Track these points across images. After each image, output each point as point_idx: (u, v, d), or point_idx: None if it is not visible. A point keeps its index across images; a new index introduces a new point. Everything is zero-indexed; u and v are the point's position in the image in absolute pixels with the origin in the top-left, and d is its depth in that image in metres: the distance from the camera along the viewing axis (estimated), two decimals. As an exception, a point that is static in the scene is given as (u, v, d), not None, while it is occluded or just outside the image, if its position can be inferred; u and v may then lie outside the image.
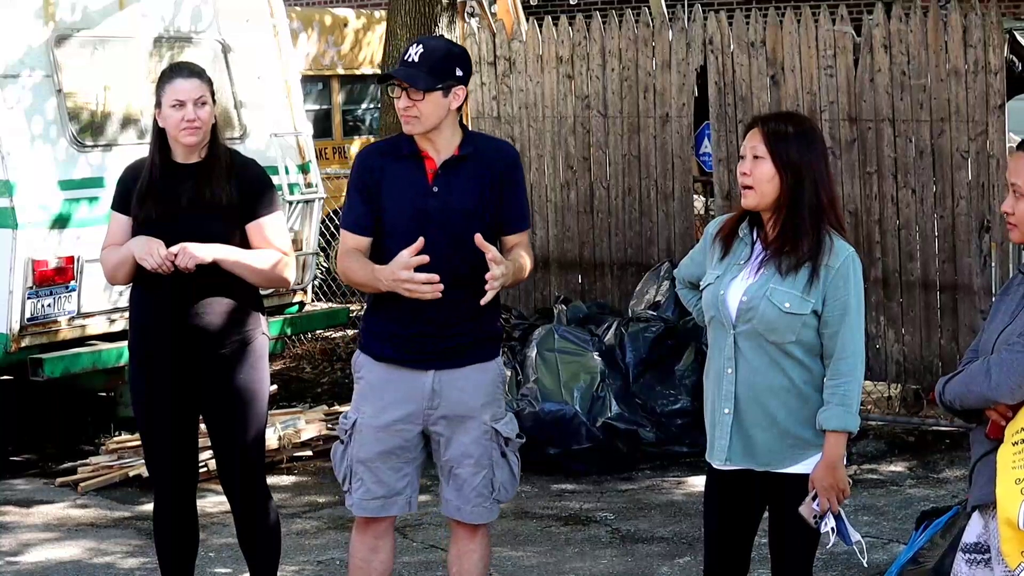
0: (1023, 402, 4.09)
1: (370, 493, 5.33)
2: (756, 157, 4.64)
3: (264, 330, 5.85)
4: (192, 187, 5.64)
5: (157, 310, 5.66)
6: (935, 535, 5.72)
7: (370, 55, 15.50)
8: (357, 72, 15.37)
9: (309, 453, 9.09)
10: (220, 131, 5.84)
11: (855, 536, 4.76)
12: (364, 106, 15.78)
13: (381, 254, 5.21)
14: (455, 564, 5.45)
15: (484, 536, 5.42)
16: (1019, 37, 8.85)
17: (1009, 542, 3.95)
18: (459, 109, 5.19)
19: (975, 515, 4.37)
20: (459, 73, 5.14)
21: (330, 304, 11.59)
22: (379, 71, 15.75)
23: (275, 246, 5.73)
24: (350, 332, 12.13)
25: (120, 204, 5.75)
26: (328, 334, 12.14)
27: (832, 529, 4.67)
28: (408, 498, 5.36)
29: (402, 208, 5.18)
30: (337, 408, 9.87)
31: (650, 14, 10.14)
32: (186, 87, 5.62)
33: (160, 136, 5.67)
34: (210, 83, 5.72)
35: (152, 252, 5.52)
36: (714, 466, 4.81)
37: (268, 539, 5.93)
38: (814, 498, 4.63)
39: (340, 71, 15.19)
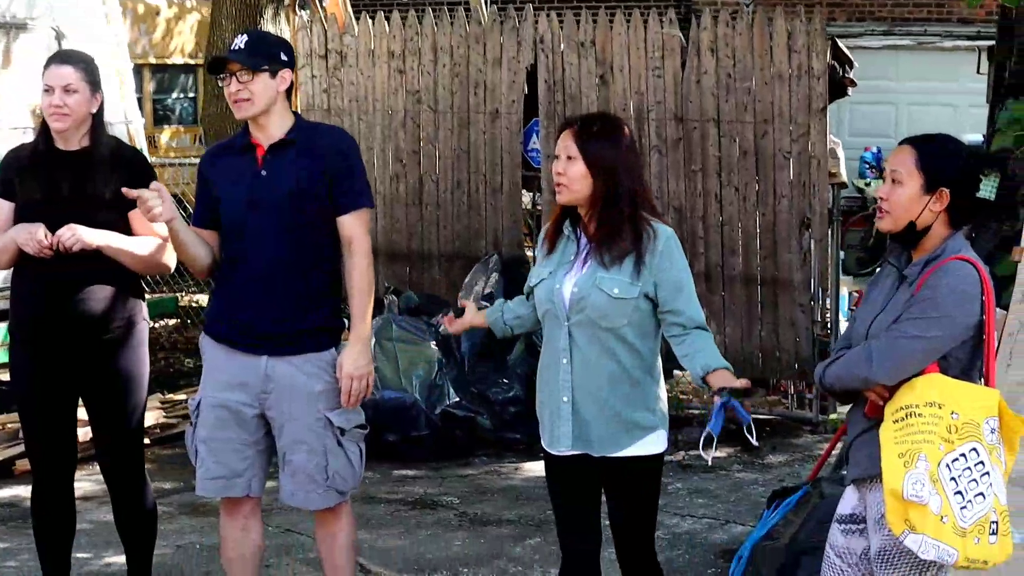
0: (899, 383, 4.42)
1: (210, 472, 5.48)
2: (569, 158, 4.91)
3: (144, 316, 5.93)
4: (73, 175, 5.70)
5: (40, 296, 5.69)
6: (788, 512, 6.03)
7: (181, 45, 15.48)
8: (168, 61, 15.33)
9: (147, 441, 9.10)
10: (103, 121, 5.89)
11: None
12: (175, 95, 15.75)
13: (222, 244, 5.42)
14: (324, 543, 5.61)
15: (348, 516, 5.59)
16: (840, 43, 9.28)
17: (893, 512, 4.27)
18: (288, 95, 5.39)
19: (849, 488, 4.69)
20: (284, 57, 5.35)
21: (158, 294, 11.59)
22: (190, 61, 15.79)
23: (157, 233, 5.81)
24: (172, 322, 12.15)
25: (1, 189, 5.79)
26: (152, 324, 12.11)
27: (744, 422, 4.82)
28: (249, 480, 5.49)
29: (233, 197, 5.36)
30: (172, 397, 9.92)
31: (466, 11, 10.38)
32: (55, 73, 5.70)
33: (45, 122, 5.74)
34: (88, 72, 5.77)
35: (33, 237, 5.57)
36: (552, 454, 5.04)
37: (146, 522, 6.02)
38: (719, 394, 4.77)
39: (152, 60, 15.14)
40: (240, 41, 5.34)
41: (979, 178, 4.64)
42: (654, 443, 4.98)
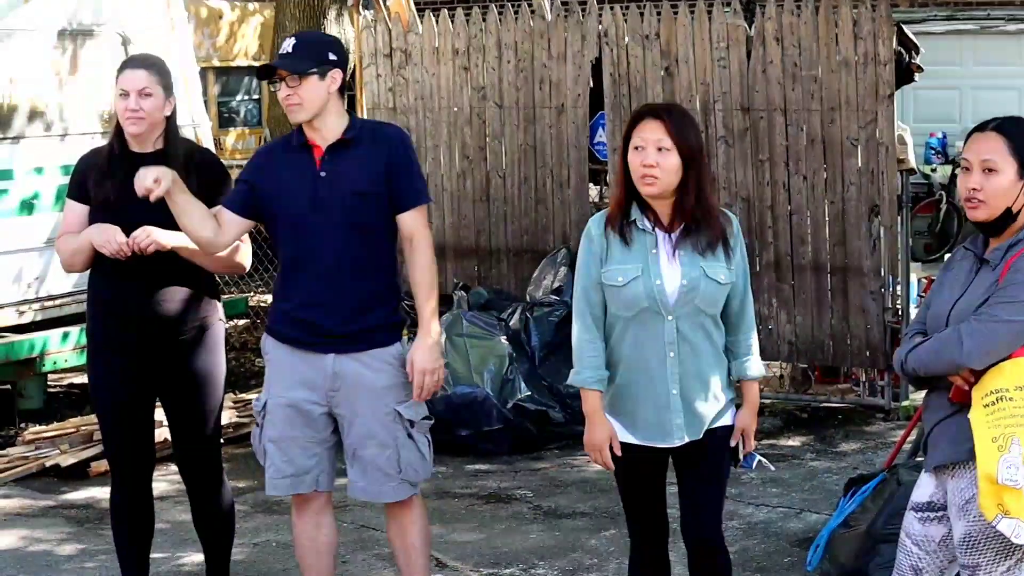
0: (987, 368, 4.39)
1: (279, 472, 5.53)
2: (662, 149, 4.86)
3: (220, 316, 5.99)
4: (148, 176, 5.74)
5: (116, 297, 5.76)
6: (865, 500, 6.04)
7: (245, 47, 15.59)
8: (232, 64, 15.43)
9: (221, 441, 9.16)
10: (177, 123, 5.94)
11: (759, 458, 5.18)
12: (239, 98, 15.86)
13: (275, 241, 5.49)
14: (397, 538, 5.64)
15: (420, 508, 5.62)
16: (906, 29, 9.23)
17: (987, 495, 4.25)
18: (341, 95, 5.41)
19: (926, 476, 4.67)
20: (333, 57, 5.36)
21: (227, 295, 11.66)
22: (253, 63, 15.89)
23: (232, 234, 5.85)
24: (242, 322, 12.23)
25: (75, 192, 5.84)
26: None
27: (761, 460, 5.13)
28: (316, 476, 5.53)
29: (292, 196, 5.38)
30: (243, 396, 9.99)
31: (530, 7, 10.39)
32: (129, 77, 5.75)
33: (119, 124, 5.79)
34: (162, 75, 5.82)
35: (111, 239, 5.62)
36: (658, 447, 4.98)
37: (224, 520, 6.09)
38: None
39: (216, 63, 15.24)
40: (287, 45, 5.37)
41: None
42: (732, 412, 5.09)
